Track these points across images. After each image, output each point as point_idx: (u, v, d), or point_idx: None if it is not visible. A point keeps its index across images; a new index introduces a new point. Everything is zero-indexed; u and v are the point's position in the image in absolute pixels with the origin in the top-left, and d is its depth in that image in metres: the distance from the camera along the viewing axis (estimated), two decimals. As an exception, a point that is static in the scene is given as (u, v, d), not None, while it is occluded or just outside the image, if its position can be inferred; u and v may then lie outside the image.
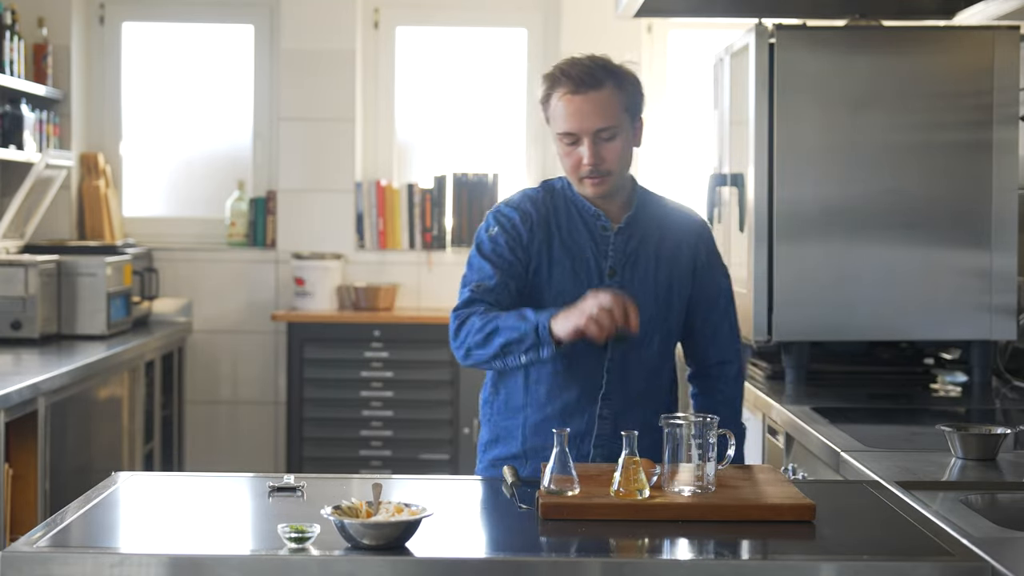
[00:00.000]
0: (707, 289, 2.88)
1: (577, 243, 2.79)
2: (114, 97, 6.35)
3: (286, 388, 6.00)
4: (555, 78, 2.74)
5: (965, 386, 3.88)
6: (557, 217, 2.82)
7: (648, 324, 2.77)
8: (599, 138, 2.72)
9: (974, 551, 2.06)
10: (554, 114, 2.75)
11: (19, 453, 4.14)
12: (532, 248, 2.79)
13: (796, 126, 3.88)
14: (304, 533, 2.07)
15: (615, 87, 2.73)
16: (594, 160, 2.72)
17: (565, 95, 2.72)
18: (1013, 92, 3.84)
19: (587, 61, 2.74)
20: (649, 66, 6.29)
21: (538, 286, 2.78)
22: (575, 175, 2.78)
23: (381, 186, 6.25)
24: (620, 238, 2.80)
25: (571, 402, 2.77)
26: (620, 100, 2.74)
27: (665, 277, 2.82)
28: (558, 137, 2.76)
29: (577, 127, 2.71)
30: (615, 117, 2.73)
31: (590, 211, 2.81)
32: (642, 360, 2.80)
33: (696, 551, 2.17)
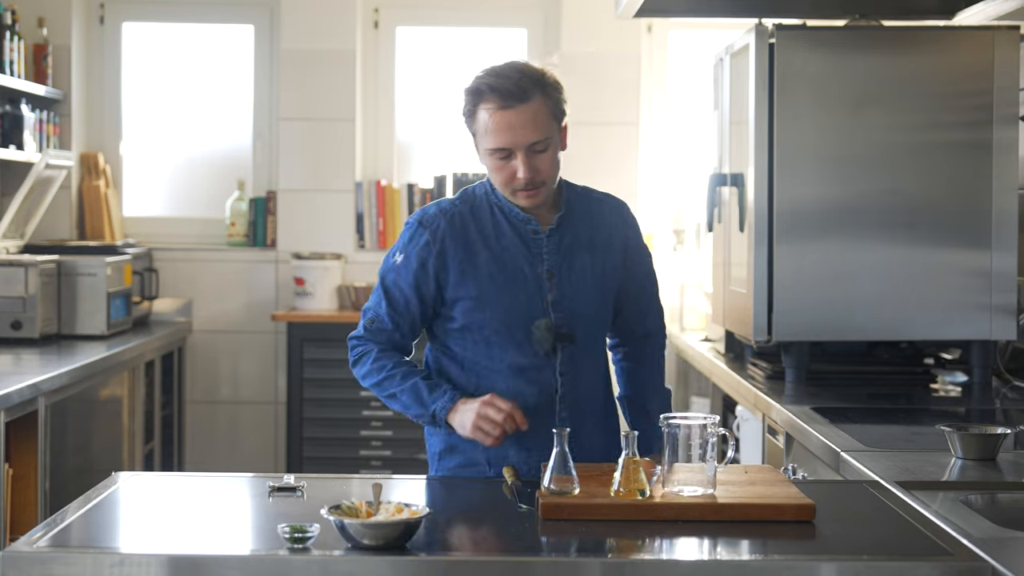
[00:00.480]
0: (637, 272, 2.88)
1: (508, 251, 2.75)
2: (114, 97, 6.35)
3: (286, 388, 6.00)
4: (480, 92, 2.68)
5: (965, 386, 3.88)
6: (482, 228, 2.77)
7: (594, 321, 2.79)
8: (532, 151, 2.68)
9: (974, 551, 2.06)
10: (482, 129, 2.69)
11: (19, 453, 4.13)
12: (446, 275, 2.74)
13: (796, 126, 3.88)
14: (304, 533, 2.07)
15: (542, 97, 2.68)
16: (529, 174, 2.68)
17: (494, 110, 2.66)
18: (1013, 92, 3.84)
19: (513, 73, 2.67)
20: (649, 66, 6.29)
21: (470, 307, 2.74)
22: (508, 189, 2.73)
23: (381, 186, 6.25)
24: (553, 240, 2.78)
25: (529, 407, 2.73)
26: (548, 109, 2.70)
27: (600, 271, 2.81)
28: (488, 152, 2.70)
29: (510, 142, 2.66)
30: (546, 128, 2.69)
31: (519, 216, 2.77)
32: (591, 358, 2.81)
33: (696, 551, 2.17)
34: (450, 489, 2.67)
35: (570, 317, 2.75)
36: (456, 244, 2.75)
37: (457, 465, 2.79)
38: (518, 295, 2.73)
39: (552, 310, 2.74)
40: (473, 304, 2.74)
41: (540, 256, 2.76)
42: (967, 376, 3.95)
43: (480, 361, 2.77)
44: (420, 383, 2.73)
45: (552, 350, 2.74)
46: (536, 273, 2.75)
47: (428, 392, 2.71)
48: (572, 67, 6.17)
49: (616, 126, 6.19)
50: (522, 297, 2.73)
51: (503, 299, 2.73)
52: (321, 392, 5.91)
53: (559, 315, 2.74)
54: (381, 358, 2.78)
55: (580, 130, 6.45)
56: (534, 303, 2.74)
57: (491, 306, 2.73)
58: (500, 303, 2.73)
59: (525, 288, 2.74)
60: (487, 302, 2.73)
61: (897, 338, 3.95)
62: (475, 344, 2.77)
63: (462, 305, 2.75)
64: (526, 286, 2.74)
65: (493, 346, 2.75)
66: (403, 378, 2.74)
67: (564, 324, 2.75)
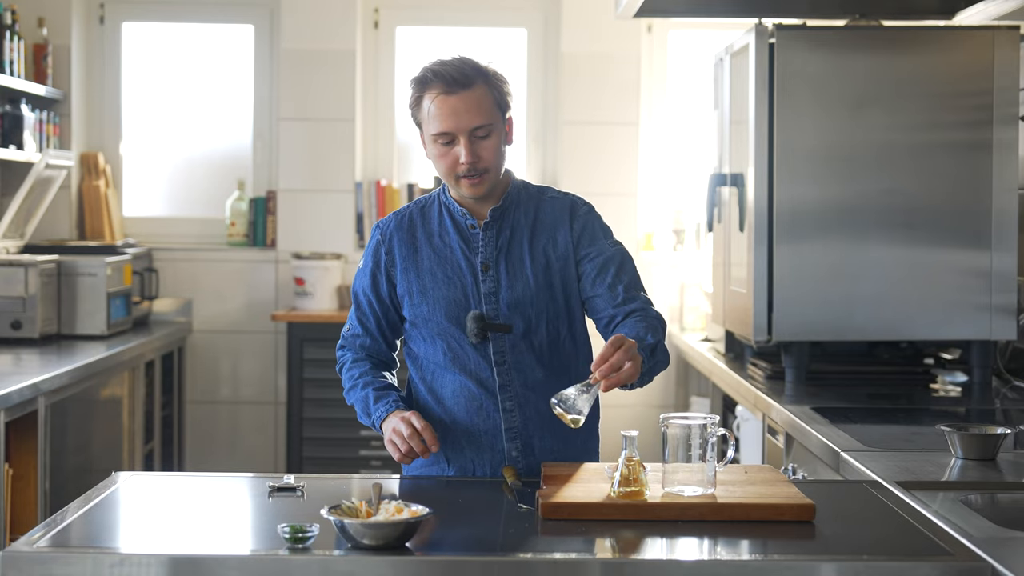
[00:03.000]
0: (592, 261, 2.81)
1: (448, 246, 2.82)
2: (114, 97, 6.35)
3: (286, 388, 6.00)
4: (426, 80, 2.74)
5: (965, 386, 3.88)
6: (428, 226, 2.85)
7: (531, 310, 2.78)
8: (475, 137, 2.72)
9: (974, 551, 2.06)
10: (427, 116, 2.74)
11: (19, 453, 4.14)
12: (395, 271, 2.84)
13: (796, 126, 3.88)
14: (304, 533, 2.07)
15: (485, 85, 2.73)
16: (471, 159, 2.72)
17: (438, 96, 2.71)
18: (1013, 92, 3.84)
19: (456, 62, 2.74)
20: (649, 66, 6.29)
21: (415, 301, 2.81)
22: (451, 176, 2.77)
23: (381, 186, 6.25)
24: (489, 233, 2.81)
25: (473, 401, 2.78)
26: (492, 98, 2.74)
27: (542, 260, 2.80)
28: (432, 139, 2.75)
29: (453, 126, 2.71)
30: (489, 115, 2.73)
31: (458, 211, 2.83)
32: (531, 345, 2.79)
33: (696, 551, 2.17)
34: (450, 489, 2.68)
35: (505, 307, 2.77)
36: (402, 242, 2.84)
37: (421, 464, 2.82)
38: (454, 288, 2.79)
39: (485, 301, 2.78)
40: (415, 299, 2.81)
41: (476, 249, 2.81)
42: (967, 376, 3.96)
43: (430, 357, 2.83)
44: (370, 393, 2.82)
45: (483, 340, 2.75)
46: (472, 266, 2.79)
47: (373, 401, 2.80)
48: (572, 67, 6.17)
49: (616, 126, 6.19)
50: (458, 290, 2.78)
51: (441, 292, 2.79)
52: (321, 392, 5.91)
53: (492, 306, 2.77)
54: (352, 367, 2.91)
55: (580, 130, 6.50)
56: (470, 295, 2.78)
57: (430, 300, 2.80)
58: (439, 296, 2.79)
59: (461, 281, 2.79)
60: (427, 296, 2.80)
61: (897, 338, 3.95)
62: (424, 340, 2.83)
63: (407, 301, 2.83)
64: (462, 279, 2.79)
65: (436, 340, 2.81)
66: (361, 388, 2.85)
67: (498, 315, 2.77)
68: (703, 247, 5.44)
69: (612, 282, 2.79)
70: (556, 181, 6.21)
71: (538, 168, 6.29)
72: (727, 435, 2.47)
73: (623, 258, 2.83)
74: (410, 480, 2.79)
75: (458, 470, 2.78)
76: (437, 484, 2.73)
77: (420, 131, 2.81)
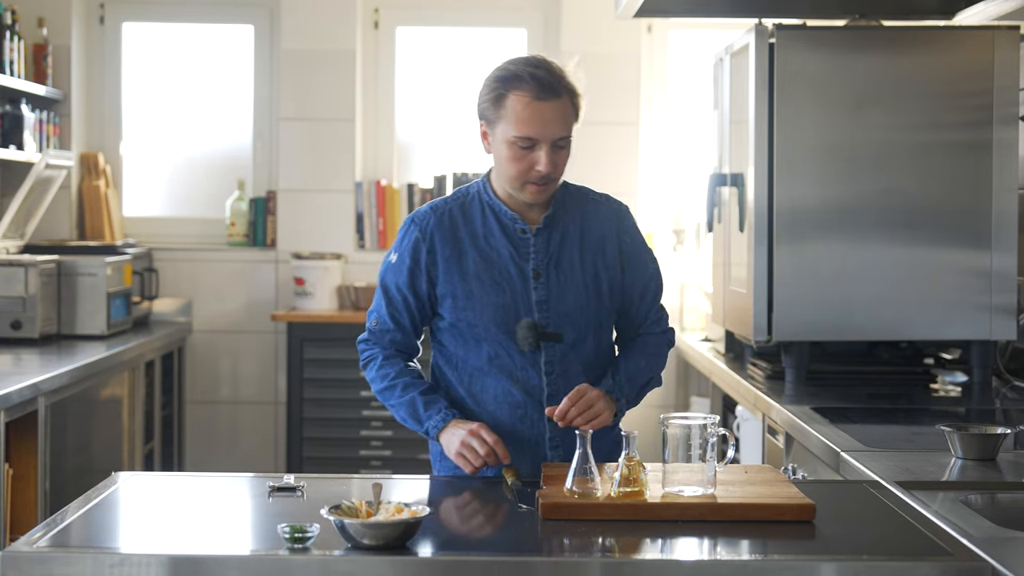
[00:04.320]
0: (637, 275, 2.83)
1: (495, 250, 2.76)
2: (114, 97, 6.35)
3: (286, 388, 6.00)
4: (518, 78, 2.69)
5: (965, 386, 3.88)
6: (471, 226, 2.78)
7: (581, 320, 2.76)
8: (556, 146, 2.69)
9: (974, 551, 2.06)
10: (509, 116, 2.69)
11: (19, 453, 4.14)
12: (436, 271, 2.77)
13: (796, 126, 3.88)
14: (304, 533, 2.07)
15: (569, 96, 2.72)
16: (550, 168, 2.68)
17: (527, 99, 2.67)
18: (1013, 92, 3.84)
19: (549, 67, 2.70)
20: (649, 66, 6.29)
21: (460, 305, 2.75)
22: (519, 180, 2.72)
23: (381, 186, 6.25)
24: (540, 239, 2.77)
25: (518, 408, 2.75)
26: (572, 110, 2.73)
27: (592, 271, 2.78)
28: (510, 140, 2.69)
29: (539, 133, 2.67)
30: (570, 126, 2.72)
31: (507, 215, 2.78)
32: (581, 358, 2.78)
33: (696, 551, 2.17)
34: (450, 489, 2.68)
35: (556, 316, 2.74)
36: (444, 241, 2.77)
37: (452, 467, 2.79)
38: (504, 294, 2.74)
39: (537, 309, 2.74)
40: (460, 302, 2.75)
41: (527, 255, 2.76)
42: (967, 376, 3.96)
43: (469, 360, 2.78)
44: (417, 398, 2.76)
45: (536, 349, 2.73)
46: (522, 272, 2.75)
47: (424, 408, 2.75)
48: (572, 67, 6.16)
49: (616, 126, 6.19)
50: (508, 296, 2.73)
51: (489, 297, 2.74)
52: (321, 392, 5.91)
53: (544, 314, 2.74)
54: (384, 365, 2.82)
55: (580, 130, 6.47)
56: (520, 302, 2.74)
57: (477, 304, 2.74)
58: (486, 301, 2.73)
59: (511, 287, 2.74)
60: (473, 300, 2.74)
61: (897, 338, 3.95)
62: (465, 343, 2.78)
63: (449, 303, 2.76)
64: (512, 285, 2.74)
65: (481, 345, 2.76)
66: (403, 390, 2.78)
67: (549, 323, 2.74)
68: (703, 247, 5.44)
69: (649, 305, 2.87)
70: (556, 181, 6.21)
71: (538, 168, 6.29)
72: (727, 435, 2.47)
73: (659, 277, 2.90)
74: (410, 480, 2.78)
75: (497, 472, 2.71)
76: (437, 484, 2.73)
77: (486, 124, 2.74)
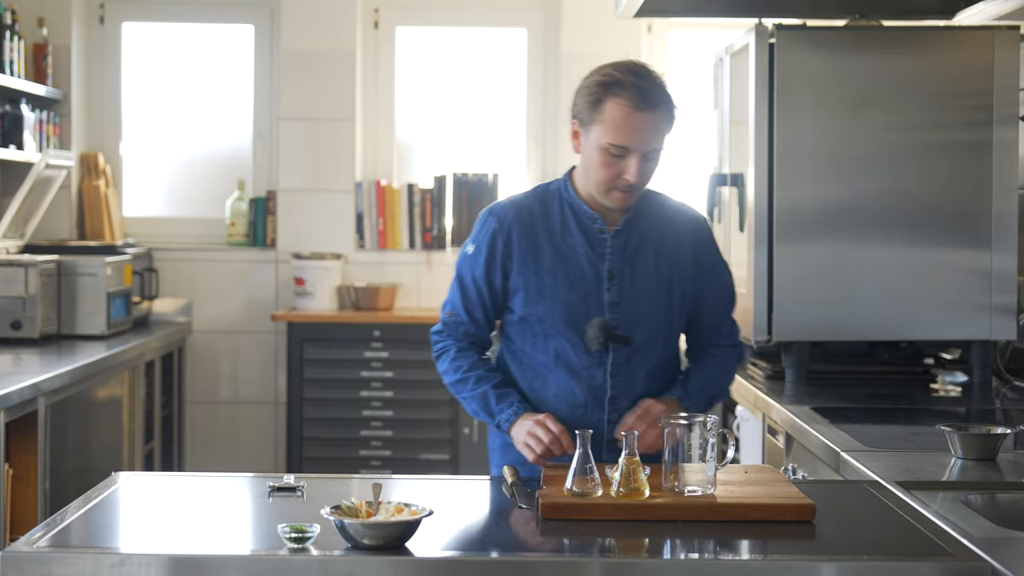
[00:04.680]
0: (710, 287, 2.85)
1: (572, 248, 2.76)
2: (114, 97, 6.35)
3: (286, 388, 6.00)
4: (621, 85, 2.66)
5: (965, 386, 3.88)
6: (549, 223, 2.78)
7: (651, 325, 2.76)
8: (647, 157, 2.68)
9: (974, 551, 2.06)
10: (607, 121, 2.66)
11: (19, 453, 4.13)
12: (511, 264, 2.77)
13: (796, 126, 3.88)
14: (304, 533, 2.07)
15: (667, 111, 2.69)
16: (639, 179, 2.68)
17: (628, 109, 2.64)
18: (1013, 92, 3.84)
19: (653, 77, 2.68)
20: (649, 66, 6.28)
21: (532, 300, 2.76)
22: (606, 185, 2.71)
23: (381, 186, 6.25)
24: (618, 240, 2.77)
25: (579, 407, 2.76)
26: (668, 122, 2.71)
27: (666, 277, 2.79)
28: (603, 147, 2.67)
29: (633, 143, 2.65)
30: (664, 138, 2.70)
31: (586, 214, 2.78)
32: (647, 362, 2.78)
33: (696, 551, 2.17)
34: (450, 489, 2.68)
35: (627, 319, 2.75)
36: (521, 235, 2.77)
37: (514, 460, 2.80)
38: (576, 292, 2.74)
39: (609, 311, 2.74)
40: (531, 297, 2.76)
41: (603, 256, 2.76)
42: (967, 376, 3.95)
43: (536, 356, 2.79)
44: (490, 392, 2.77)
45: (603, 349, 2.73)
46: (597, 272, 2.75)
47: (496, 401, 2.76)
48: (572, 67, 6.16)
49: (616, 126, 6.18)
50: (580, 295, 2.74)
51: (561, 295, 2.74)
52: (321, 392, 5.91)
53: (615, 316, 2.74)
54: (458, 358, 2.83)
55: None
56: (592, 302, 2.74)
57: (548, 300, 2.75)
58: (557, 298, 2.74)
59: (584, 286, 2.74)
60: (545, 296, 2.74)
61: (897, 338, 3.95)
62: (533, 338, 2.79)
63: (520, 297, 2.77)
64: (585, 284, 2.74)
65: (548, 341, 2.77)
66: (475, 384, 2.79)
67: (620, 325, 2.74)
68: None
69: (722, 317, 2.87)
70: (556, 181, 6.21)
71: (538, 168, 6.29)
72: (727, 435, 2.47)
73: (733, 290, 2.90)
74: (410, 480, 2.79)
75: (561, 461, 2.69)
76: (437, 484, 2.73)
77: (579, 125, 2.72)
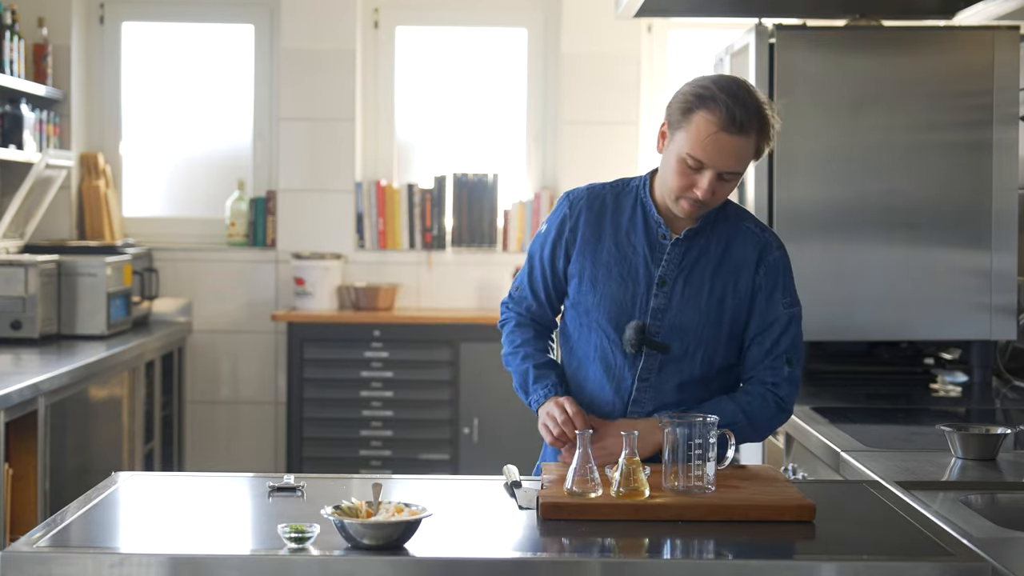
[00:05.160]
0: (759, 314, 2.77)
1: (632, 246, 2.75)
2: (114, 97, 6.35)
3: (286, 388, 6.00)
4: (716, 102, 2.60)
5: (965, 386, 3.88)
6: (617, 217, 2.78)
7: (691, 338, 2.72)
8: (723, 177, 2.64)
9: (974, 551, 2.06)
10: (692, 135, 2.62)
11: (19, 453, 4.14)
12: (573, 248, 2.79)
13: (796, 126, 3.88)
14: (304, 533, 2.07)
15: (758, 136, 2.63)
16: (708, 196, 2.64)
17: (715, 127, 2.59)
18: (1013, 92, 3.84)
19: (753, 103, 2.61)
20: (649, 66, 6.29)
21: (584, 288, 2.77)
22: (677, 194, 2.68)
23: (381, 186, 6.25)
24: (677, 249, 2.75)
25: (607, 404, 2.76)
26: (755, 149, 2.65)
27: (719, 294, 2.74)
28: (681, 158, 2.64)
29: (711, 162, 2.61)
30: (745, 163, 2.65)
31: (654, 217, 2.76)
32: (680, 371, 2.74)
33: (696, 551, 2.17)
34: (450, 489, 2.68)
35: (668, 328, 2.73)
36: (588, 222, 2.79)
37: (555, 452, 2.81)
38: (626, 290, 2.73)
39: (652, 316, 2.73)
40: (584, 285, 2.77)
41: (660, 261, 2.75)
42: (967, 376, 3.95)
43: (581, 345, 2.80)
44: (531, 370, 2.79)
45: (637, 353, 2.73)
46: (650, 276, 2.74)
47: (533, 381, 2.78)
48: (572, 67, 6.17)
49: (616, 126, 6.19)
50: (628, 294, 2.73)
51: (610, 290, 2.74)
52: (321, 392, 5.91)
53: (656, 322, 2.73)
54: (515, 331, 2.88)
55: (580, 130, 6.50)
56: (638, 304, 2.73)
57: (598, 294, 2.75)
58: (607, 293, 2.74)
59: (635, 286, 2.73)
60: (596, 287, 2.75)
61: (897, 338, 3.95)
62: (580, 326, 2.79)
63: (575, 283, 2.79)
64: (636, 285, 2.73)
65: (591, 333, 2.77)
66: (522, 359, 2.82)
67: (660, 333, 2.73)
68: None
69: (768, 349, 2.76)
70: (556, 181, 6.21)
71: (538, 168, 6.29)
72: (727, 435, 2.47)
73: (790, 321, 2.79)
74: (410, 480, 2.79)
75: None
76: (437, 484, 2.73)
77: (668, 127, 2.69)
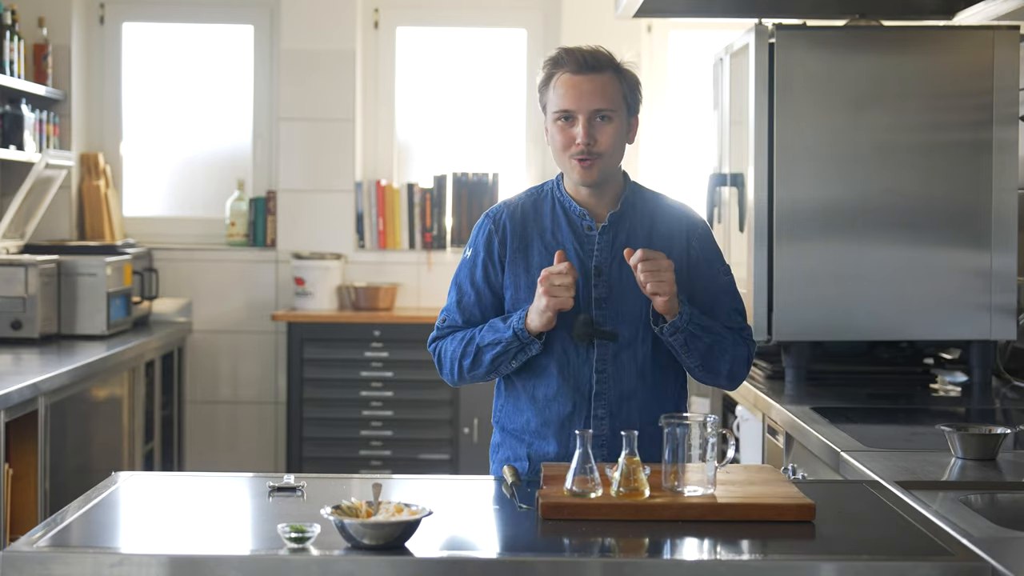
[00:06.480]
0: (704, 287, 2.80)
1: (561, 244, 2.76)
2: (114, 97, 6.35)
3: (286, 388, 6.00)
4: (558, 59, 2.75)
5: (965, 386, 3.88)
6: (540, 221, 2.80)
7: (637, 322, 2.74)
8: (594, 119, 2.71)
9: (974, 551, 2.06)
10: (552, 95, 2.74)
11: (19, 453, 4.14)
12: (505, 261, 2.80)
13: (796, 126, 3.88)
14: (304, 533, 2.07)
15: (615, 75, 2.75)
16: (587, 139, 2.69)
17: (566, 74, 2.72)
18: (1013, 92, 3.84)
19: (592, 48, 2.75)
20: (649, 66, 6.29)
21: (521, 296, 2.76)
22: (565, 155, 2.73)
23: (381, 186, 6.25)
24: (606, 236, 2.77)
25: (567, 404, 2.75)
26: (619, 88, 2.75)
27: None
28: (553, 116, 2.73)
29: (574, 105, 2.70)
30: (613, 101, 2.73)
31: (575, 211, 2.79)
32: (634, 358, 2.76)
33: (696, 551, 2.17)
34: (450, 489, 2.68)
35: (613, 315, 2.74)
36: (514, 234, 2.80)
37: (504, 458, 2.81)
38: None
39: (595, 307, 2.74)
40: (521, 293, 2.77)
41: (591, 252, 2.76)
42: (967, 376, 3.95)
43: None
44: (489, 324, 2.76)
45: (590, 345, 2.73)
46: (585, 268, 2.75)
47: (502, 321, 2.75)
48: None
49: (616, 126, 6.18)
50: None
51: None
52: (321, 392, 5.91)
53: (602, 312, 2.74)
54: (453, 340, 2.82)
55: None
56: (580, 298, 2.72)
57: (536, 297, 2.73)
58: None
59: None
60: (533, 292, 2.72)
61: (897, 338, 3.95)
62: None
63: (511, 294, 2.79)
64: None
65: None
66: (478, 333, 2.77)
67: (607, 322, 2.74)
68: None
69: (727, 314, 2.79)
70: (556, 181, 6.21)
71: (538, 168, 6.29)
72: (727, 435, 2.47)
73: (731, 285, 2.84)
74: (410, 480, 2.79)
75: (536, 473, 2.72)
76: (437, 484, 2.73)
77: (544, 115, 2.78)
